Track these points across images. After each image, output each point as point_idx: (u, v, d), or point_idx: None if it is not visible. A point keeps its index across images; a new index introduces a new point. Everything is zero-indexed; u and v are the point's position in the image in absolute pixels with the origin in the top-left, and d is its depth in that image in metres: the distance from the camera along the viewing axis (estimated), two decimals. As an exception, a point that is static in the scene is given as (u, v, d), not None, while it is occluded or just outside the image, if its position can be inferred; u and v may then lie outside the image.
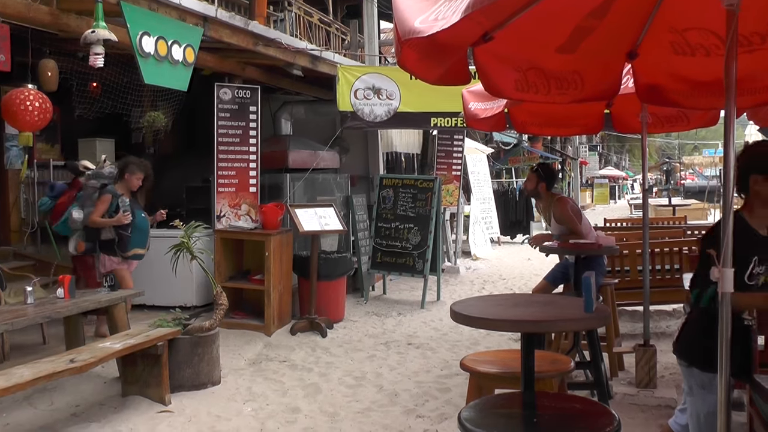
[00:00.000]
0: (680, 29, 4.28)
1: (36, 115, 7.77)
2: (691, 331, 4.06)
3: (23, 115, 7.73)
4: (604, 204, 50.09)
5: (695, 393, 3.97)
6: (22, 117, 7.75)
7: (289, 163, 11.90)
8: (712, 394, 3.65)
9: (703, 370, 3.87)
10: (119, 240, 8.47)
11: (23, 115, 7.73)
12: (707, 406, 3.84)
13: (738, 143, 22.43)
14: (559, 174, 22.14)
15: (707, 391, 3.84)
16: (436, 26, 3.05)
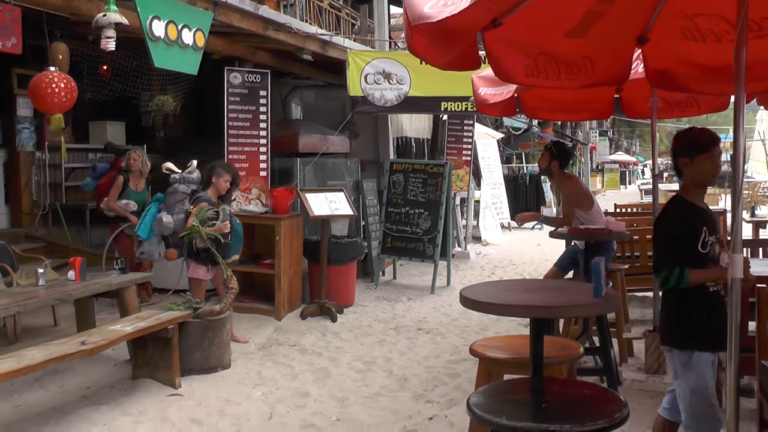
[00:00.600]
0: (690, 15, 4.26)
1: (63, 95, 7.77)
2: (665, 315, 4.29)
3: (51, 97, 7.73)
4: (615, 189, 50.00)
5: (680, 374, 4.16)
6: (51, 99, 7.74)
7: (300, 148, 11.91)
8: (692, 372, 4.06)
9: (681, 350, 4.13)
10: (218, 248, 7.70)
11: (51, 98, 7.73)
12: (691, 383, 4.08)
13: (748, 128, 22.20)
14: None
15: (688, 370, 4.08)
16: (446, 11, 3.05)
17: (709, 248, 4.13)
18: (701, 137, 4.23)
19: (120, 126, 14.12)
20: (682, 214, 4.22)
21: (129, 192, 9.84)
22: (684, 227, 4.14)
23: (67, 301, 7.11)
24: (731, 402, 3.30)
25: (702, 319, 4.11)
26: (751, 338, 4.81)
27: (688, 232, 4.10)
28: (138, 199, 9.87)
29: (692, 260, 4.06)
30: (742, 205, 3.17)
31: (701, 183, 4.28)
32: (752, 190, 22.63)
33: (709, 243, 4.12)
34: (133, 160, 9.91)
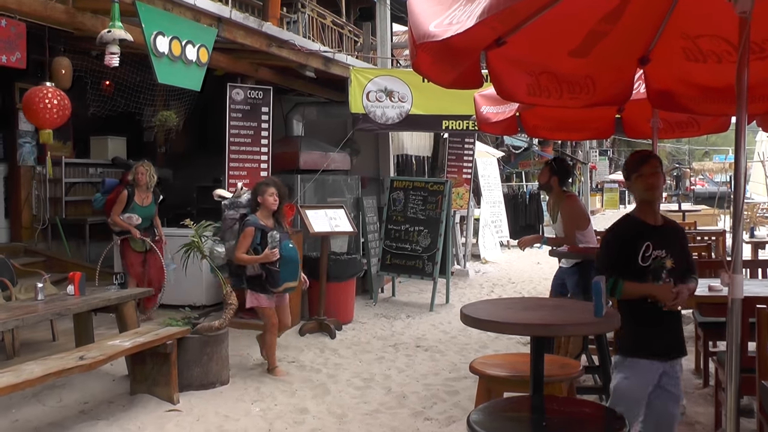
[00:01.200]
0: (692, 36, 4.29)
1: (55, 112, 7.82)
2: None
3: (43, 112, 7.79)
4: (614, 209, 49.94)
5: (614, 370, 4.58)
6: (42, 114, 7.80)
7: (301, 164, 11.93)
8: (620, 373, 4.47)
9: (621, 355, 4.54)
10: (267, 275, 7.45)
11: (42, 113, 7.79)
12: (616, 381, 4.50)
13: (749, 149, 22.15)
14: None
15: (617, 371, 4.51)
16: (451, 30, 3.07)
17: (651, 262, 4.40)
18: (631, 159, 4.60)
19: (121, 141, 14.15)
20: (622, 227, 4.60)
21: (134, 206, 9.75)
22: (622, 240, 4.50)
23: (65, 315, 7.11)
24: (731, 422, 3.30)
25: (641, 330, 4.44)
26: (751, 358, 4.81)
27: (626, 245, 4.44)
28: (144, 214, 9.81)
29: (630, 273, 4.38)
30: (742, 225, 3.18)
31: (644, 199, 4.55)
32: (751, 211, 22.63)
33: (651, 257, 4.40)
34: (140, 174, 9.80)
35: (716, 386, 5.93)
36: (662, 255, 4.42)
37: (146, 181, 9.84)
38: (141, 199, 9.81)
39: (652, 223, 4.51)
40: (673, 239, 4.53)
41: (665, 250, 4.43)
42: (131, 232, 9.61)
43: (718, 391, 5.86)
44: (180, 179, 13.83)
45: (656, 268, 4.41)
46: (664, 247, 4.43)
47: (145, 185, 9.86)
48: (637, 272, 4.39)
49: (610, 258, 4.48)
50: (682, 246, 4.62)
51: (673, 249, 4.46)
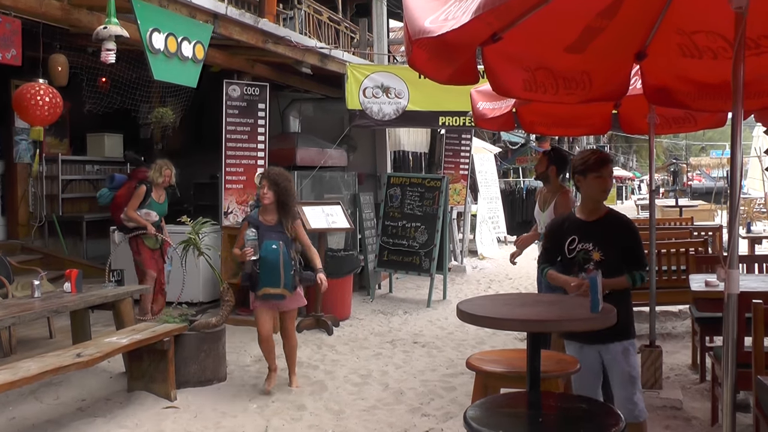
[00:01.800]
0: (688, 32, 4.29)
1: (46, 109, 7.81)
2: None
3: (33, 109, 7.77)
4: (611, 204, 49.82)
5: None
6: (33, 111, 7.79)
7: (297, 161, 11.92)
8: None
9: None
10: (253, 276, 6.88)
11: (33, 110, 7.77)
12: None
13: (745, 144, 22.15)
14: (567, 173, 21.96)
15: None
16: (446, 26, 3.07)
17: (576, 254, 4.79)
18: (593, 158, 4.82)
19: (118, 138, 14.14)
20: (556, 222, 5.18)
21: (152, 202, 9.51)
22: (553, 233, 5.04)
23: (62, 313, 7.11)
24: (728, 417, 3.30)
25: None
26: (748, 354, 4.82)
27: (558, 237, 4.92)
28: (159, 211, 9.61)
29: (561, 263, 4.90)
30: (738, 221, 3.18)
31: (592, 197, 4.86)
32: (748, 206, 22.64)
33: (576, 249, 4.80)
34: (167, 176, 9.55)
35: (713, 381, 5.94)
36: (588, 248, 4.75)
37: (171, 181, 9.68)
38: (158, 196, 9.60)
39: (586, 218, 4.87)
40: (605, 233, 4.78)
41: (593, 243, 4.75)
42: (147, 229, 9.30)
43: (714, 387, 5.87)
44: (176, 176, 13.80)
45: (581, 260, 4.74)
46: (591, 240, 4.76)
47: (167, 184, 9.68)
48: (565, 263, 4.86)
49: (545, 249, 5.10)
50: (619, 240, 4.79)
51: (603, 242, 4.75)
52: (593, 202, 4.86)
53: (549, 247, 5.04)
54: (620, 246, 4.76)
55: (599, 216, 4.85)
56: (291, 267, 6.91)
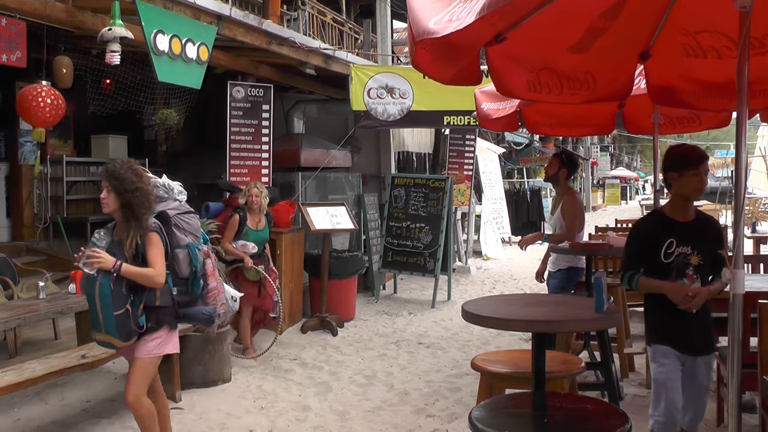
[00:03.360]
0: (692, 31, 4.29)
1: (47, 111, 7.81)
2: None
3: (35, 111, 7.78)
4: (616, 204, 49.99)
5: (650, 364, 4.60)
6: (35, 113, 7.80)
7: (301, 162, 11.92)
8: (654, 363, 4.48)
9: (648, 345, 4.60)
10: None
11: (35, 111, 7.78)
12: (653, 373, 4.51)
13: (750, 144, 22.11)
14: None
15: (652, 361, 4.51)
16: (451, 27, 3.07)
17: (675, 259, 4.43)
18: (691, 154, 4.47)
19: (122, 140, 14.13)
20: (648, 223, 4.69)
21: (248, 231, 8.47)
22: (646, 235, 4.54)
23: (67, 314, 7.11)
24: (733, 418, 3.30)
25: (663, 321, 4.51)
26: (753, 354, 4.81)
27: (650, 241, 4.48)
28: (258, 239, 8.53)
29: (651, 268, 4.47)
30: (744, 220, 3.18)
31: (686, 197, 4.50)
32: (753, 206, 22.62)
33: (675, 254, 4.43)
34: (254, 196, 8.51)
35: (718, 382, 5.93)
36: (687, 251, 4.42)
37: (260, 203, 8.54)
38: (255, 223, 8.53)
39: (681, 219, 4.51)
40: (702, 235, 4.50)
41: (691, 246, 4.43)
42: (244, 261, 8.27)
43: (720, 387, 5.86)
44: (181, 177, 13.79)
45: (680, 265, 4.43)
46: (690, 244, 4.43)
47: (258, 208, 8.54)
48: (660, 268, 4.44)
49: (635, 253, 4.55)
50: (714, 241, 4.56)
51: (701, 245, 4.45)
52: (686, 202, 4.52)
53: (639, 251, 4.54)
54: (714, 249, 4.53)
55: (694, 217, 4.55)
56: (117, 306, 4.62)
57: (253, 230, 8.44)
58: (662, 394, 4.35)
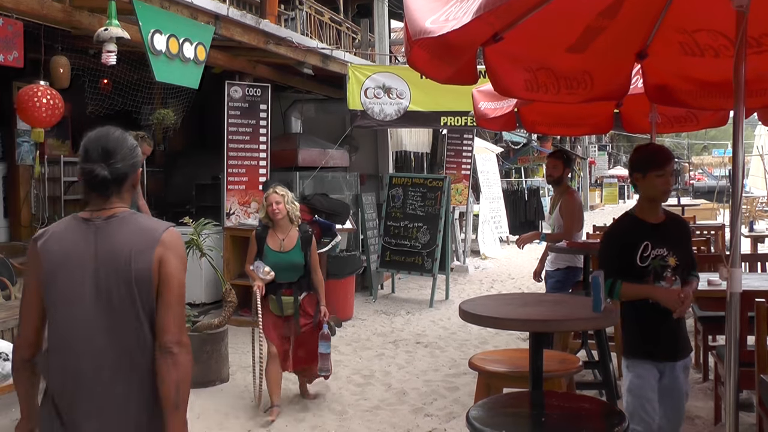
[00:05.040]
0: (690, 30, 4.29)
1: (43, 111, 7.80)
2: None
3: (33, 111, 7.77)
4: (613, 204, 49.94)
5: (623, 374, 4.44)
6: (33, 113, 7.79)
7: (299, 161, 11.92)
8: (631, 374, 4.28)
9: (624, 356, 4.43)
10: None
11: (33, 111, 7.78)
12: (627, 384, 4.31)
13: (747, 143, 22.08)
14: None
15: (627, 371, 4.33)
16: (447, 27, 3.07)
17: (651, 261, 4.28)
18: (657, 154, 4.38)
19: (119, 139, 14.13)
20: (621, 227, 4.55)
21: (266, 251, 6.58)
22: (620, 240, 4.41)
23: None
24: (731, 416, 3.30)
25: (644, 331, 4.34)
26: (750, 353, 4.81)
27: (625, 245, 4.32)
28: (279, 261, 6.51)
29: (631, 273, 4.27)
30: (741, 219, 3.18)
31: (652, 198, 4.39)
32: (750, 205, 22.61)
33: (651, 257, 4.28)
34: (275, 203, 6.48)
35: (716, 380, 5.93)
36: (664, 253, 4.30)
37: (286, 212, 6.54)
38: (277, 242, 6.59)
39: (653, 221, 4.40)
40: (675, 235, 4.42)
41: (666, 248, 4.31)
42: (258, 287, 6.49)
43: (717, 386, 5.86)
44: (178, 177, 13.80)
45: (657, 268, 4.30)
46: (665, 245, 4.31)
47: (286, 218, 6.58)
48: (637, 273, 4.28)
49: (609, 258, 4.39)
50: (686, 241, 4.52)
51: (675, 246, 4.35)
52: (655, 203, 4.40)
53: (618, 255, 4.34)
54: (687, 248, 4.49)
55: (664, 218, 4.45)
56: None
57: (273, 250, 6.53)
58: (639, 404, 4.22)
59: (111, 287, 2.60)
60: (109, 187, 2.69)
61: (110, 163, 2.70)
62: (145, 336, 2.63)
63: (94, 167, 2.67)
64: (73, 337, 2.61)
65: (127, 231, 2.66)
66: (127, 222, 2.68)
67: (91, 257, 2.63)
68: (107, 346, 2.58)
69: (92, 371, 2.61)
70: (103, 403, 2.62)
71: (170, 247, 2.68)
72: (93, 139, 2.79)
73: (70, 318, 2.63)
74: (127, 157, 2.77)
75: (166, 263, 2.66)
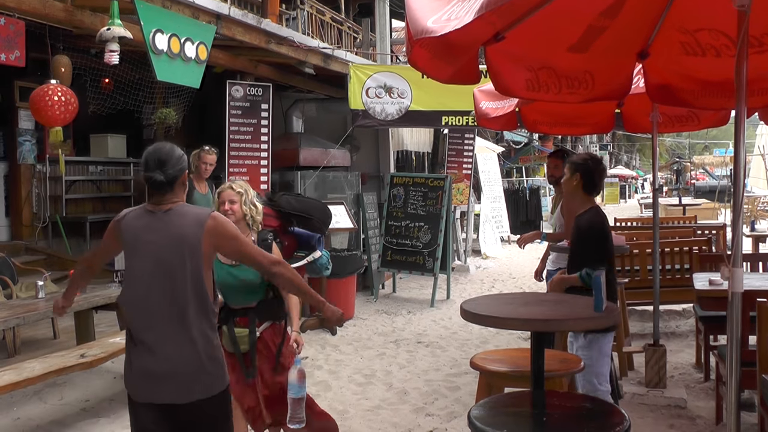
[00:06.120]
0: (691, 30, 4.29)
1: (56, 109, 7.80)
2: None
3: (48, 110, 7.78)
4: (615, 203, 49.94)
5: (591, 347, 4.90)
6: (47, 112, 7.80)
7: (300, 161, 11.93)
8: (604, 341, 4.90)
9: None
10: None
11: (47, 110, 7.79)
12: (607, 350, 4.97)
13: (749, 143, 22.10)
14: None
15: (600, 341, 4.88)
16: (449, 26, 3.07)
17: None
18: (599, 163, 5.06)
19: (121, 139, 14.15)
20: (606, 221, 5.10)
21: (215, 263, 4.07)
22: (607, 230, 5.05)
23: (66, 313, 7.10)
24: (732, 416, 3.30)
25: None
26: (752, 352, 4.81)
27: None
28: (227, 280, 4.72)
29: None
30: (742, 219, 3.18)
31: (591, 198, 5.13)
32: (752, 204, 22.61)
33: None
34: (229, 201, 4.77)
35: (717, 380, 5.93)
36: None
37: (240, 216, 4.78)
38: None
39: None
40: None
41: None
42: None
43: (719, 385, 5.86)
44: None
45: None
46: None
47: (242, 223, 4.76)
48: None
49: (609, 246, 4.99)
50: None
51: None
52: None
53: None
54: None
55: None
56: None
57: (222, 263, 4.65)
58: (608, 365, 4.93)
59: (169, 259, 3.44)
60: (164, 188, 3.49)
61: (164, 170, 3.47)
62: (188, 293, 3.45)
63: (153, 174, 3.46)
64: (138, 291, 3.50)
65: (181, 219, 3.50)
66: (180, 213, 3.51)
67: (155, 238, 3.47)
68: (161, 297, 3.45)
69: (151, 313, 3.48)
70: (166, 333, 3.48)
71: (216, 224, 3.52)
72: (151, 152, 3.52)
73: (138, 277, 3.50)
74: (176, 164, 3.52)
75: (218, 234, 3.53)
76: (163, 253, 3.47)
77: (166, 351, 3.47)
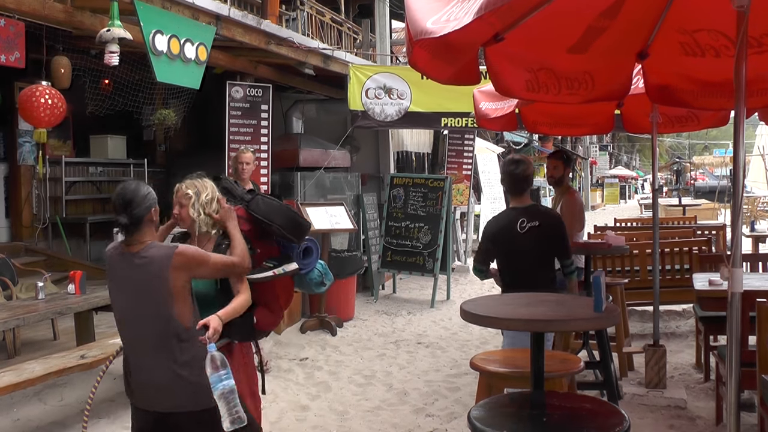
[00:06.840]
0: (690, 30, 4.29)
1: (42, 111, 7.81)
2: None
3: (32, 111, 7.79)
4: (614, 204, 50.02)
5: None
6: (32, 113, 7.80)
7: (300, 162, 11.92)
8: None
9: None
10: None
11: (32, 111, 7.79)
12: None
13: (748, 143, 22.11)
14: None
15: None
16: (448, 27, 3.07)
17: None
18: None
19: (121, 140, 14.13)
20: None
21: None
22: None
23: (66, 314, 7.11)
24: (732, 416, 3.30)
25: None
26: (752, 353, 4.82)
27: None
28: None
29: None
30: (742, 219, 3.18)
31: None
32: (752, 204, 22.63)
33: None
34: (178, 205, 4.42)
35: (717, 380, 5.93)
36: None
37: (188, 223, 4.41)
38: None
39: None
40: None
41: None
42: None
43: (718, 386, 5.87)
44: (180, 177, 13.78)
45: None
46: None
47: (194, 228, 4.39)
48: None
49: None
50: None
51: None
52: None
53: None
54: None
55: None
56: None
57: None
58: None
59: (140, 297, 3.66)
60: (130, 229, 3.65)
61: (129, 211, 3.60)
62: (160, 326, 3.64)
63: (119, 218, 3.61)
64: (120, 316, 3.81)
65: (147, 261, 3.63)
66: (146, 255, 3.64)
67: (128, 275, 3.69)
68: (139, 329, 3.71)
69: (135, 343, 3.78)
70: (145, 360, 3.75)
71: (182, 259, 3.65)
72: (117, 194, 3.64)
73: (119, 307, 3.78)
74: (141, 203, 3.63)
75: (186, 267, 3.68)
76: (135, 291, 3.70)
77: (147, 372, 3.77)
